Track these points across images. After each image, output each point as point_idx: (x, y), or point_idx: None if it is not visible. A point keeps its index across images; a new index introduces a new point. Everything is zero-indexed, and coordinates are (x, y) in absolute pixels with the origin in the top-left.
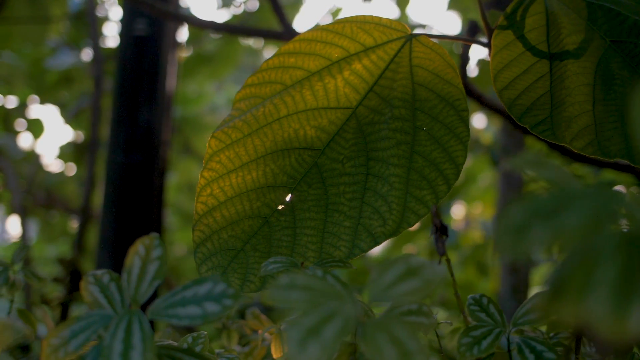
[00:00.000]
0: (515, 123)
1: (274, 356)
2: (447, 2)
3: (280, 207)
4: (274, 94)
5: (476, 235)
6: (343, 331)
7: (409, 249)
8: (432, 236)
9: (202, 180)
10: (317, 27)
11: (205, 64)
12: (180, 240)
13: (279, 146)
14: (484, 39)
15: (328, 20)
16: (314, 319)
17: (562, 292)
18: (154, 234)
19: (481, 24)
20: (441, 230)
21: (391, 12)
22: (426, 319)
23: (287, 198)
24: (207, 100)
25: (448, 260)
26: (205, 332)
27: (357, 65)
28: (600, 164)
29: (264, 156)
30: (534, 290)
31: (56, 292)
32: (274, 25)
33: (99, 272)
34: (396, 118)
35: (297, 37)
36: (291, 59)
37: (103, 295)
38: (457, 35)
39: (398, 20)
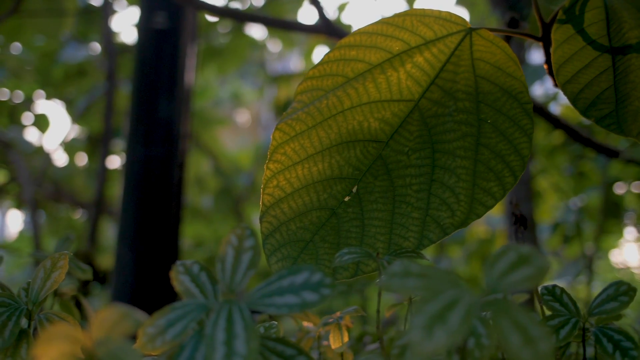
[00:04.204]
0: (543, 114)
1: (332, 347)
2: None
3: (347, 198)
4: (336, 86)
5: (481, 229)
6: (468, 317)
7: None
8: (511, 227)
9: (267, 172)
10: (377, 21)
11: (214, 57)
12: (188, 234)
13: (343, 138)
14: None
15: (334, 14)
16: (437, 305)
17: None
18: (245, 225)
19: (534, 17)
20: (520, 221)
21: (399, 7)
22: None
23: (354, 190)
24: (212, 94)
25: None
26: (276, 322)
27: (418, 58)
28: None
29: (329, 148)
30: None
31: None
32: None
33: (188, 262)
34: (460, 110)
35: (356, 31)
36: (352, 52)
37: (194, 285)
38: (513, 29)
39: (458, 14)
